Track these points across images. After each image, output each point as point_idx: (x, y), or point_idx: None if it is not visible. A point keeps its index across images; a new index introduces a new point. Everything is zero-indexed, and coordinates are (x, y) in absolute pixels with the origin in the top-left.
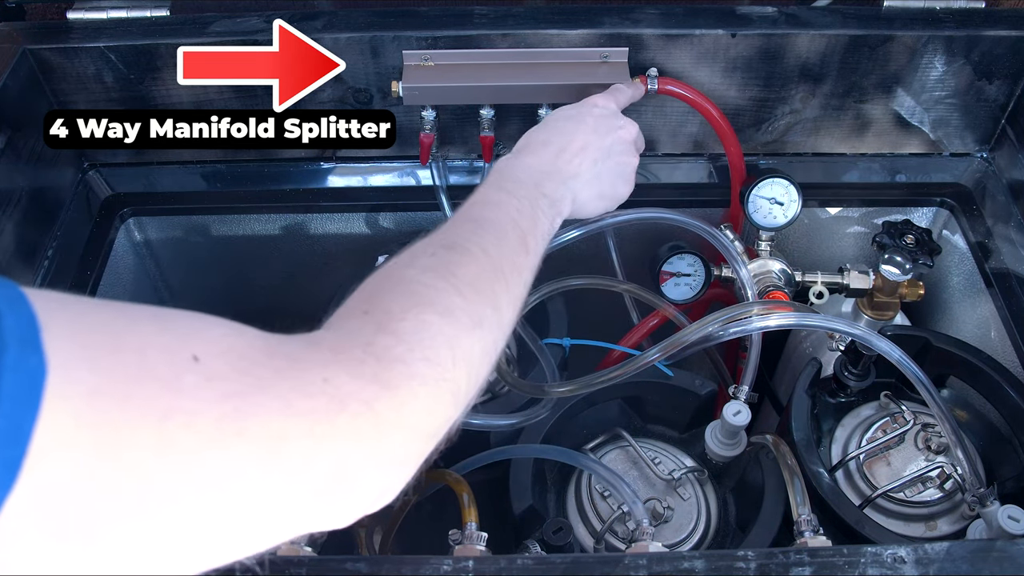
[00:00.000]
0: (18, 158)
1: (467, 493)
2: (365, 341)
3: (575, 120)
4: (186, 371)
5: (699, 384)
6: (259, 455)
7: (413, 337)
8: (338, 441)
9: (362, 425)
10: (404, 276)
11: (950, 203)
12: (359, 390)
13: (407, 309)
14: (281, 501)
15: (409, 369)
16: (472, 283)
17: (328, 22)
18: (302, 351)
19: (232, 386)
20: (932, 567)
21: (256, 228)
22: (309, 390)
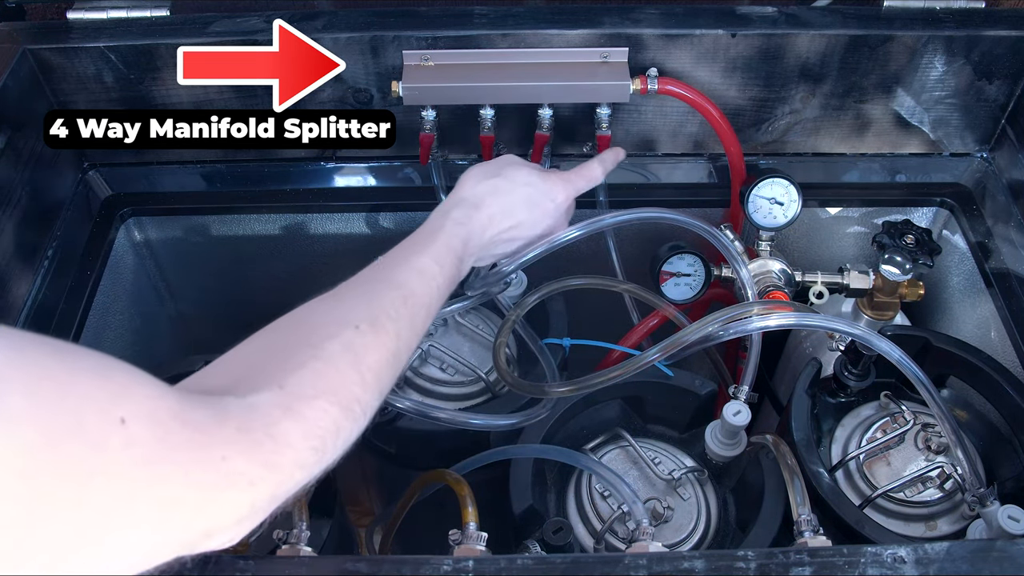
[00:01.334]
0: (18, 158)
1: (467, 493)
2: (269, 423)
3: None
4: (113, 433)
5: (699, 384)
6: (153, 516)
7: (311, 426)
8: (217, 511)
9: (242, 501)
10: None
11: (950, 203)
12: (248, 471)
13: (316, 396)
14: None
15: (297, 456)
16: (377, 373)
17: (328, 22)
18: (210, 424)
19: (147, 452)
20: (932, 567)
21: (256, 228)
22: (207, 466)
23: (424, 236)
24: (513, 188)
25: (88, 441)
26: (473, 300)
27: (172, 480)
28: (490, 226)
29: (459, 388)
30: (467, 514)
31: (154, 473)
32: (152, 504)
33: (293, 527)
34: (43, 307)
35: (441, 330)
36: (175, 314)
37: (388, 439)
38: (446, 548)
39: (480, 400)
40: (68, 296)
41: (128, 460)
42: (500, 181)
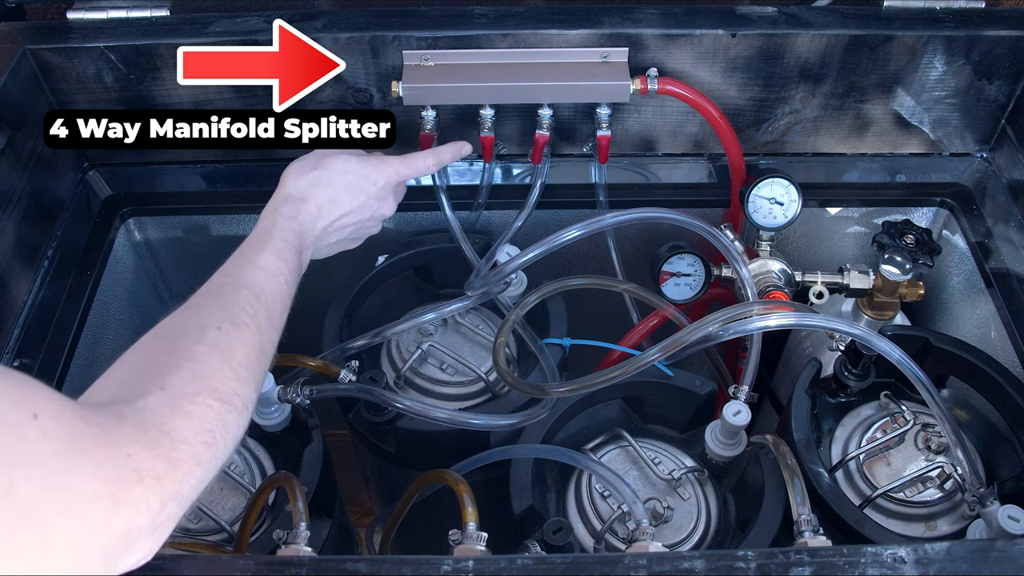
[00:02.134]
0: (18, 158)
1: (467, 493)
2: (161, 420)
3: (353, 194)
4: (28, 425)
5: (699, 384)
6: (75, 508)
7: (199, 422)
8: (131, 508)
9: (150, 495)
10: (194, 352)
11: (950, 203)
12: (153, 466)
13: (197, 393)
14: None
15: (192, 451)
16: (248, 366)
17: (328, 22)
18: (111, 425)
19: (61, 446)
20: (932, 567)
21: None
22: (116, 461)
23: (260, 236)
24: (333, 177)
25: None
26: (473, 300)
27: (86, 474)
28: (320, 217)
29: (459, 388)
30: (467, 514)
31: (69, 466)
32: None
33: (293, 527)
34: (43, 307)
35: (441, 330)
36: None
37: (388, 439)
38: (446, 548)
39: (480, 400)
40: (68, 296)
41: (46, 451)
42: (320, 173)
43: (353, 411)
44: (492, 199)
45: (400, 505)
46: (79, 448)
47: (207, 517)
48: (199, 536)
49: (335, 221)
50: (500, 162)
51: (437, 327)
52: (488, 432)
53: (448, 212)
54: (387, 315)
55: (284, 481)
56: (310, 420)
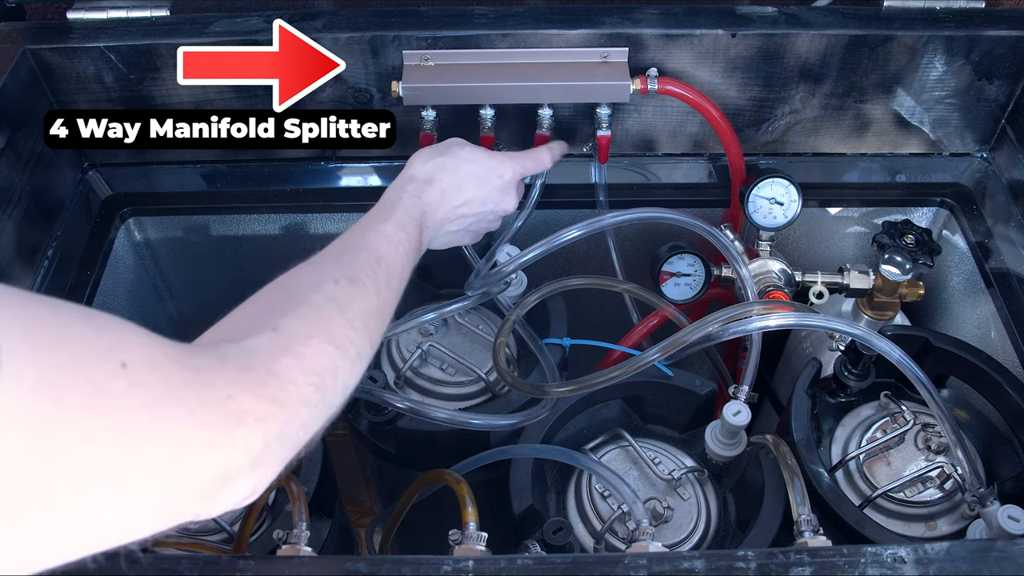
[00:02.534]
0: (18, 158)
1: (467, 493)
2: (269, 360)
3: (478, 184)
4: (115, 376)
5: (699, 384)
6: (162, 458)
7: (310, 363)
8: (229, 450)
9: (252, 437)
10: (310, 300)
11: (950, 203)
12: (255, 408)
13: (311, 335)
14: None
15: (300, 391)
16: (364, 320)
17: (328, 22)
18: (211, 366)
19: (150, 394)
20: (932, 567)
21: (256, 228)
22: (213, 405)
23: (384, 208)
24: (459, 165)
25: (91, 383)
26: (473, 300)
27: (179, 421)
28: (443, 201)
29: (459, 388)
30: (467, 514)
31: (160, 414)
32: (161, 446)
33: (293, 527)
34: None
35: (441, 330)
36: (175, 314)
37: (388, 439)
38: (446, 548)
39: (480, 400)
40: (68, 296)
41: (133, 402)
42: (446, 159)
43: (353, 411)
44: None
45: (400, 505)
46: (171, 396)
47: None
48: (199, 536)
49: (457, 208)
50: None
51: (437, 327)
52: (488, 432)
53: None
54: None
55: (284, 481)
56: None
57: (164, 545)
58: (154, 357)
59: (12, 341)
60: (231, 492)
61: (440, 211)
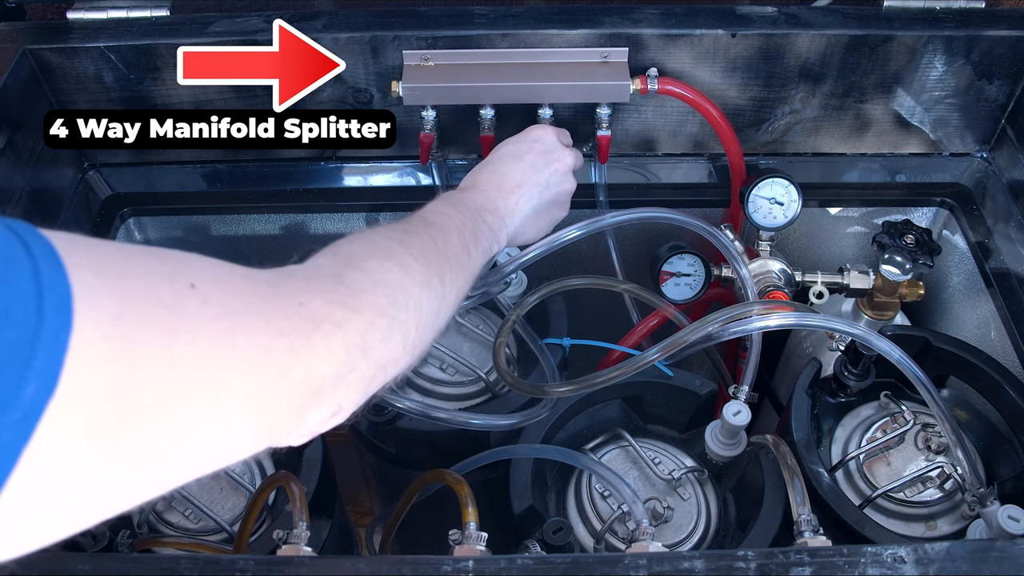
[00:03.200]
0: (18, 158)
1: (467, 493)
2: (335, 272)
3: (513, 159)
4: (186, 296)
5: (699, 384)
6: (247, 367)
7: (376, 275)
8: (312, 356)
9: (332, 343)
10: (366, 236)
11: (950, 203)
12: (330, 313)
13: (371, 255)
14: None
15: (373, 299)
16: (424, 253)
17: (328, 22)
18: (279, 279)
19: (223, 308)
20: (932, 567)
21: (256, 228)
22: (287, 312)
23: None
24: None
25: (164, 304)
26: (473, 300)
27: (256, 329)
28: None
29: (459, 388)
30: (467, 514)
31: (236, 325)
32: (245, 355)
33: (293, 527)
34: None
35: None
36: None
37: (388, 439)
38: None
39: (480, 400)
40: None
41: (208, 317)
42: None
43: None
44: None
45: (400, 505)
46: (244, 307)
47: (207, 517)
48: (199, 536)
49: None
50: None
51: None
52: (488, 432)
53: None
54: None
55: (284, 481)
56: None
57: (164, 545)
58: (221, 275)
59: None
60: (319, 408)
61: (497, 198)
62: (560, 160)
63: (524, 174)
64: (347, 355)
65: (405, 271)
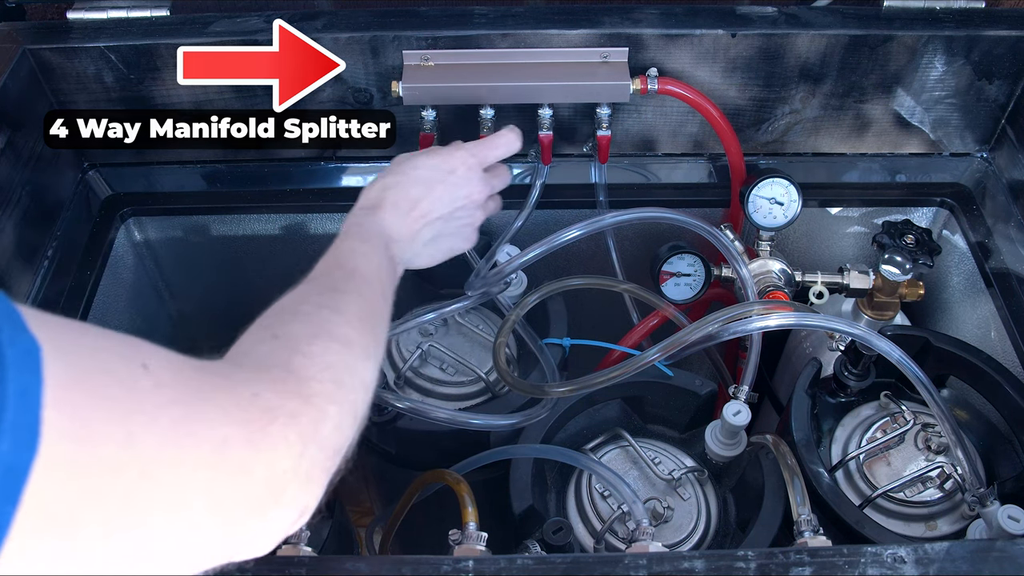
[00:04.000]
0: (18, 158)
1: (467, 493)
2: (283, 361)
3: (425, 185)
4: (140, 376)
5: (699, 384)
6: (207, 457)
7: (322, 359)
8: (271, 451)
9: (289, 435)
10: (301, 310)
11: (950, 203)
12: (284, 403)
13: (314, 336)
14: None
15: (322, 387)
16: (359, 319)
17: (328, 22)
18: (229, 370)
19: (178, 393)
20: (932, 567)
21: (256, 228)
22: (242, 403)
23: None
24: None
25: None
26: (473, 300)
27: (213, 418)
28: (398, 215)
29: (459, 388)
30: (467, 514)
31: (192, 412)
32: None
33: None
34: (43, 307)
35: (441, 330)
36: (175, 314)
37: (388, 439)
38: (446, 548)
39: (480, 400)
40: (68, 296)
41: (163, 400)
42: (390, 178)
43: None
44: None
45: (400, 505)
46: (199, 395)
47: None
48: None
49: (417, 216)
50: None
51: (437, 327)
52: (488, 432)
53: None
54: None
55: None
56: None
57: None
58: (172, 361)
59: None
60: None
61: (401, 226)
62: (470, 197)
63: (431, 204)
64: (303, 447)
65: (347, 348)
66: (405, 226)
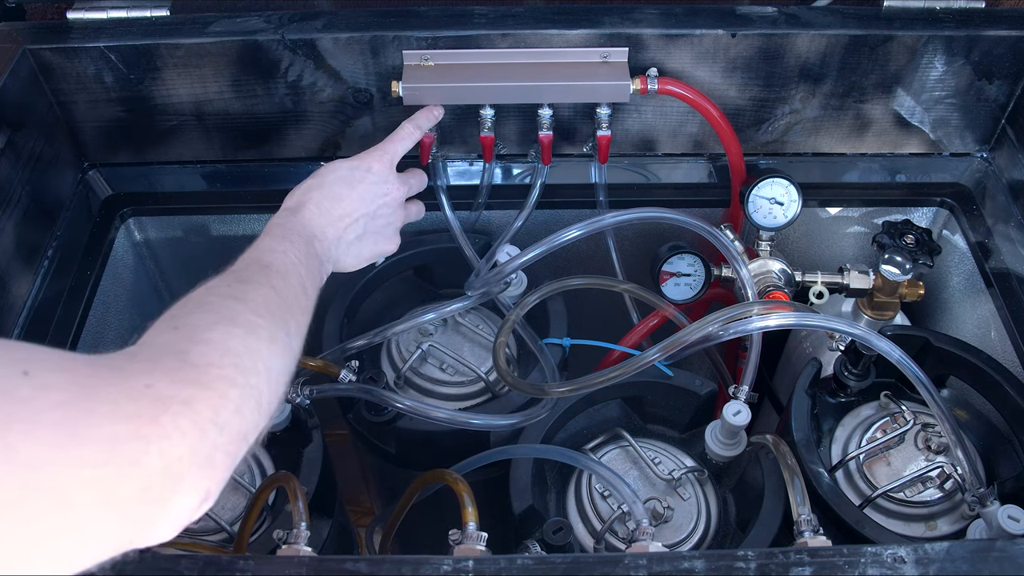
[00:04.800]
0: (18, 158)
1: (467, 493)
2: (180, 350)
3: (346, 185)
4: (19, 385)
5: (699, 384)
6: (93, 456)
7: (222, 345)
8: (163, 440)
9: (183, 423)
10: (205, 300)
11: (950, 203)
12: (178, 392)
13: (214, 324)
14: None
15: (221, 372)
16: (267, 307)
17: (328, 22)
18: (123, 363)
19: (63, 395)
20: (932, 567)
21: (256, 228)
22: (133, 395)
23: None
24: (323, 180)
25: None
26: (473, 300)
27: (100, 416)
28: (322, 214)
29: (459, 388)
30: (467, 514)
31: (77, 414)
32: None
33: (293, 527)
34: (43, 307)
35: (441, 330)
36: None
37: (388, 439)
38: (446, 548)
39: (480, 400)
40: (68, 296)
41: (46, 404)
42: (312, 180)
43: (353, 411)
44: (492, 199)
45: (400, 505)
46: (87, 393)
47: (207, 517)
48: (199, 536)
49: (340, 216)
50: (500, 162)
51: (437, 327)
52: (488, 432)
53: (448, 212)
54: (387, 315)
55: (284, 481)
56: (310, 420)
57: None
58: (58, 363)
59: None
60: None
61: (326, 225)
62: (390, 194)
63: (354, 203)
64: (201, 434)
65: (251, 333)
66: (330, 225)
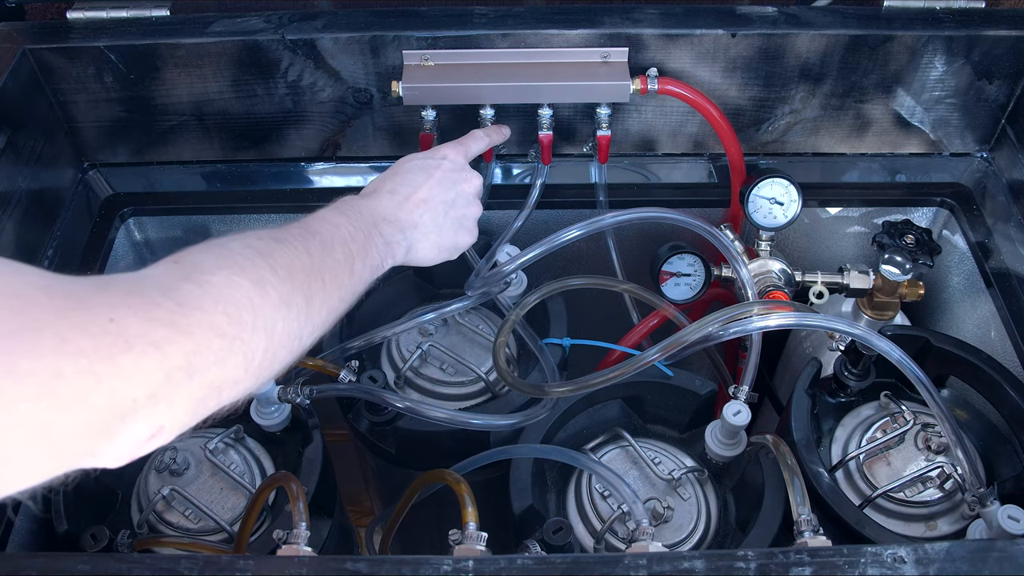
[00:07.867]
0: (18, 158)
1: (467, 493)
2: (167, 284)
3: (422, 172)
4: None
5: (699, 384)
6: (28, 392)
7: (218, 291)
8: (119, 378)
9: (148, 365)
10: (226, 245)
11: (950, 203)
12: (148, 332)
13: (220, 266)
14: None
15: (208, 318)
16: (290, 269)
17: (328, 22)
18: (88, 292)
19: (4, 326)
20: (932, 567)
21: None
22: (90, 329)
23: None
24: (397, 169)
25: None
26: (473, 300)
27: (44, 349)
28: (394, 199)
29: (459, 388)
30: (467, 514)
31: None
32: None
33: (293, 527)
34: None
35: (441, 330)
36: None
37: (388, 439)
38: (446, 548)
39: (480, 400)
40: None
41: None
42: (388, 172)
43: (353, 411)
44: (492, 199)
45: (400, 505)
46: (32, 324)
47: (207, 517)
48: (199, 536)
49: (413, 200)
50: (500, 162)
51: (437, 327)
52: (488, 432)
53: None
54: (387, 315)
55: (284, 481)
56: (310, 420)
57: (164, 545)
58: (10, 288)
59: None
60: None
61: (397, 208)
62: (468, 182)
63: (431, 189)
64: (166, 377)
65: (258, 287)
66: (403, 208)
